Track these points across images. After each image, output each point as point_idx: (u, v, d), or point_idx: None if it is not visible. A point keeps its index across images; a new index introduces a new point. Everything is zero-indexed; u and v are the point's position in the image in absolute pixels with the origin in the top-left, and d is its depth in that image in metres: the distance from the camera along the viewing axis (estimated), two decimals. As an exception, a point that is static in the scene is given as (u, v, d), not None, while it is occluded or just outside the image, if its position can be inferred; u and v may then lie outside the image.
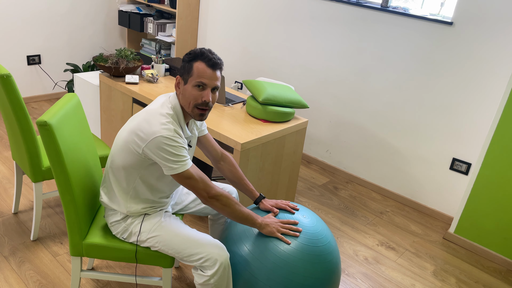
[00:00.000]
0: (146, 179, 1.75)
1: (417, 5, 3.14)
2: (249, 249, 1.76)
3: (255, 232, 1.80)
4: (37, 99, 4.33)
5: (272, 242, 1.74)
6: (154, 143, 1.60)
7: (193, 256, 1.72)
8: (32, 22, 4.05)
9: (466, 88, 2.86)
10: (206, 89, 1.67)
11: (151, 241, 1.77)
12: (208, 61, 1.65)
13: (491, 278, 2.62)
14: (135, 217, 1.80)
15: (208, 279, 1.70)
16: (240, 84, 4.15)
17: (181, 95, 1.71)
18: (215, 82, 1.68)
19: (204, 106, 1.68)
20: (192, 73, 1.66)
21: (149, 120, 1.64)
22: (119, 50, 2.97)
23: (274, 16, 3.71)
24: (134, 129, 1.66)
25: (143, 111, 1.71)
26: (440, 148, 3.06)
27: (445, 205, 3.14)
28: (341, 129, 3.54)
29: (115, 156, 1.74)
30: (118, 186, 1.77)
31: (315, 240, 1.77)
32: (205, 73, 1.65)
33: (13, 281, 2.15)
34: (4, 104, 2.18)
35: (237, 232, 1.85)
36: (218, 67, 1.68)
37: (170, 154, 1.61)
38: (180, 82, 1.72)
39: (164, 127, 1.61)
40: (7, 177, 2.98)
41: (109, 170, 1.78)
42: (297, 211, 1.88)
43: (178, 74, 1.73)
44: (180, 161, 1.63)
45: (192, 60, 1.67)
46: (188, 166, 1.65)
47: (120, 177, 1.75)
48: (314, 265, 1.72)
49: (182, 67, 1.70)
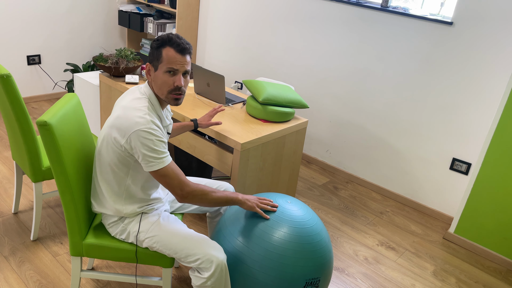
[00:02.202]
0: (136, 179, 1.75)
1: (417, 5, 3.14)
2: (241, 240, 1.79)
3: (243, 224, 1.83)
4: (37, 99, 4.33)
5: (262, 231, 1.77)
6: (133, 138, 1.60)
7: (190, 257, 1.71)
8: (32, 22, 4.05)
9: (466, 88, 2.86)
10: (177, 74, 1.68)
11: (149, 241, 1.77)
12: (176, 47, 1.66)
13: (491, 278, 2.62)
14: (133, 217, 1.80)
15: (205, 281, 1.69)
16: (240, 84, 4.15)
17: (153, 82, 1.72)
18: (185, 67, 1.69)
19: (177, 91, 1.70)
20: (161, 60, 1.67)
21: (126, 114, 1.63)
22: (119, 50, 2.97)
23: (274, 16, 3.71)
24: (112, 125, 1.66)
25: (118, 105, 1.71)
26: (440, 148, 3.06)
27: (445, 205, 3.14)
28: (341, 129, 3.54)
29: (99, 157, 1.74)
30: (109, 191, 1.75)
31: (302, 223, 1.81)
32: (175, 59, 1.66)
33: (13, 281, 2.15)
34: (4, 104, 2.18)
35: (226, 226, 1.87)
36: (187, 52, 1.69)
37: (149, 150, 1.61)
38: (150, 69, 1.72)
39: (142, 120, 1.61)
40: (7, 177, 2.98)
41: (98, 177, 1.77)
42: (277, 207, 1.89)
43: (148, 62, 1.73)
44: (159, 158, 1.63)
45: (161, 46, 1.67)
46: (166, 163, 1.64)
47: (110, 181, 1.74)
48: (303, 246, 1.75)
49: (151, 54, 1.71)
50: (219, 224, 1.96)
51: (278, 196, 1.94)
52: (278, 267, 1.72)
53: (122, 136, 1.62)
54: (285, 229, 1.77)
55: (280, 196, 1.95)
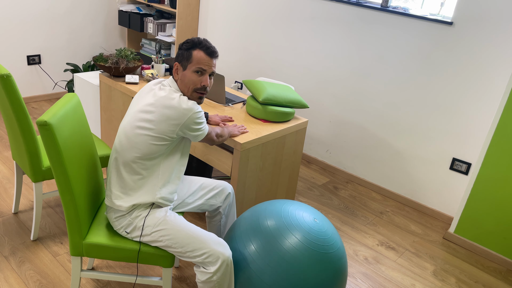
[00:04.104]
0: (169, 162, 1.83)
1: (417, 5, 3.14)
2: (255, 247, 1.78)
3: (261, 231, 1.81)
4: (37, 99, 4.33)
5: (278, 242, 1.74)
6: (189, 121, 1.75)
7: (196, 251, 1.74)
8: (32, 22, 4.05)
9: (466, 88, 2.86)
10: (205, 74, 1.83)
11: (155, 235, 1.78)
12: (206, 49, 1.82)
13: (491, 278, 2.62)
14: (141, 211, 1.81)
15: (210, 276, 1.72)
16: (240, 84, 4.15)
17: (179, 81, 1.85)
18: (212, 68, 1.84)
19: (202, 90, 1.84)
20: (191, 60, 1.81)
21: (173, 106, 1.73)
22: (119, 50, 2.97)
23: (274, 16, 3.71)
24: (159, 120, 1.73)
25: (156, 99, 1.77)
26: (440, 148, 3.06)
27: (445, 205, 3.14)
28: (341, 129, 3.54)
29: (127, 151, 1.78)
30: (140, 179, 1.80)
31: (326, 247, 1.78)
32: (204, 60, 1.81)
33: (13, 281, 2.15)
34: (4, 104, 2.18)
35: (243, 230, 1.86)
36: (215, 56, 1.85)
37: (199, 124, 1.80)
38: (178, 68, 1.84)
39: (190, 103, 1.76)
40: (7, 177, 2.98)
41: (121, 169, 1.80)
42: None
43: (176, 61, 1.85)
44: (203, 129, 1.84)
45: (191, 48, 1.82)
46: (207, 130, 1.89)
47: (140, 170, 1.78)
48: (323, 271, 1.73)
49: (180, 54, 1.84)
50: (233, 228, 1.95)
51: (305, 208, 1.92)
52: (290, 284, 1.70)
53: (176, 125, 1.74)
54: (304, 248, 1.75)
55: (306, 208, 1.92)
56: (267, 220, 1.83)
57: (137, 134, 1.76)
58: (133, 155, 1.78)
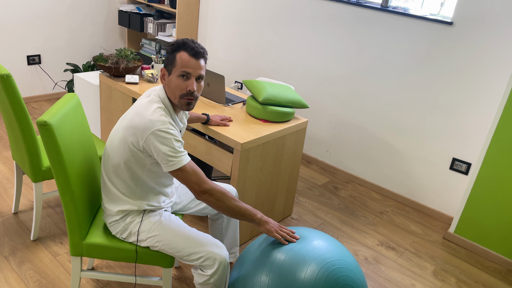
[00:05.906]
0: (151, 176, 1.76)
1: (417, 5, 3.14)
2: (268, 276, 1.61)
3: (274, 259, 1.64)
4: (37, 99, 4.33)
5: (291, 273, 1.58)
6: (151, 138, 1.60)
7: (193, 255, 1.72)
8: (32, 22, 4.05)
9: (466, 88, 2.86)
10: (191, 78, 1.67)
11: (150, 240, 1.77)
12: (190, 50, 1.65)
13: (491, 278, 2.62)
14: (135, 216, 1.80)
15: (208, 279, 1.70)
16: (240, 84, 4.15)
17: (166, 87, 1.71)
18: (199, 71, 1.67)
19: (189, 96, 1.68)
20: (175, 64, 1.66)
21: (142, 115, 1.63)
22: (119, 50, 2.97)
23: (274, 16, 3.71)
24: (128, 126, 1.66)
25: (134, 107, 1.71)
26: (440, 148, 3.06)
27: (445, 205, 3.14)
28: (341, 129, 3.54)
29: (113, 156, 1.74)
30: (124, 187, 1.76)
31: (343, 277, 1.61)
32: (189, 63, 1.65)
33: (13, 281, 2.15)
34: (4, 104, 2.18)
35: (255, 258, 1.71)
36: (201, 56, 1.68)
37: (168, 149, 1.61)
38: (165, 73, 1.72)
39: (158, 119, 1.61)
40: (7, 177, 2.98)
41: (109, 174, 1.77)
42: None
43: (163, 66, 1.73)
44: (178, 157, 1.63)
45: (175, 51, 1.67)
46: (185, 162, 1.64)
47: (124, 178, 1.74)
48: None
49: (166, 58, 1.70)
50: (244, 255, 1.81)
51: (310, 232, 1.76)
52: None
53: (140, 137, 1.62)
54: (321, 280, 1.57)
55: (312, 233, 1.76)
56: None
57: (117, 140, 1.71)
58: (112, 163, 1.74)
